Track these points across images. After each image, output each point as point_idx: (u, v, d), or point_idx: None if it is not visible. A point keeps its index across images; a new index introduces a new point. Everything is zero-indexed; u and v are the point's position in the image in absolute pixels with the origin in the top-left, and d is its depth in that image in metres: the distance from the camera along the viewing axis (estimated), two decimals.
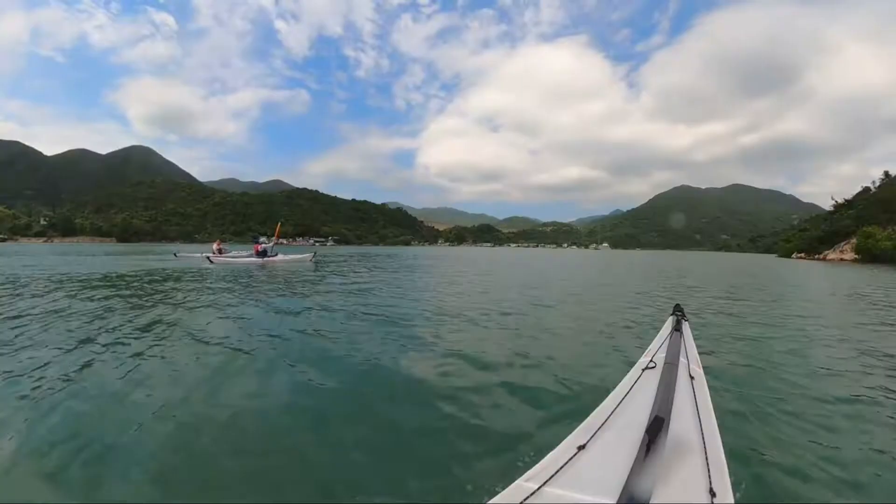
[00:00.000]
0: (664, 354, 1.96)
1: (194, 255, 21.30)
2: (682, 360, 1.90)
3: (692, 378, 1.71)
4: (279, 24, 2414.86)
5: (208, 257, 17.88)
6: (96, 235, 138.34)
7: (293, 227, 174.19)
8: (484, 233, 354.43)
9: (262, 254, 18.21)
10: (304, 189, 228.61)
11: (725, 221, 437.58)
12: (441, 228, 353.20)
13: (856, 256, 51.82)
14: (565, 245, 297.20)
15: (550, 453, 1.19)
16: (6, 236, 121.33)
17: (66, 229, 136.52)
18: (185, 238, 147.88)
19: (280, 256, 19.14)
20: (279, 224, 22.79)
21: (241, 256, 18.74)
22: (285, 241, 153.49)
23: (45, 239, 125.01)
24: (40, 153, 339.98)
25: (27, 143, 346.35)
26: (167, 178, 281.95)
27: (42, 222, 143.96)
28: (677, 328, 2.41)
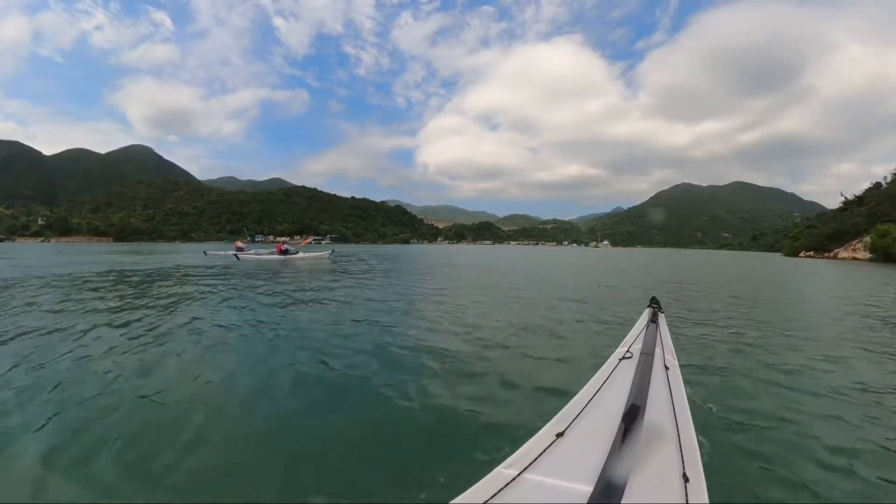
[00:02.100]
0: (640, 345, 1.97)
1: (220, 252, 23.98)
2: (658, 350, 1.92)
3: (667, 368, 1.74)
4: (278, 22, 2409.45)
5: (236, 255, 20.37)
6: (93, 235, 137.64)
7: (290, 225, 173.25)
8: (484, 231, 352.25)
9: (285, 252, 20.42)
10: (303, 187, 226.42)
11: (726, 219, 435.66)
12: (441, 226, 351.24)
13: (870, 255, 50.24)
14: (566, 243, 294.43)
15: (529, 441, 1.20)
16: (4, 236, 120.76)
17: (63, 229, 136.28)
18: (181, 237, 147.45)
19: (300, 254, 21.07)
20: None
21: (263, 254, 21.02)
22: (285, 239, 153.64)
23: (42, 239, 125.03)
24: (39, 153, 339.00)
25: (26, 143, 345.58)
26: (166, 177, 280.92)
27: (40, 222, 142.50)
28: (653, 320, 2.43)
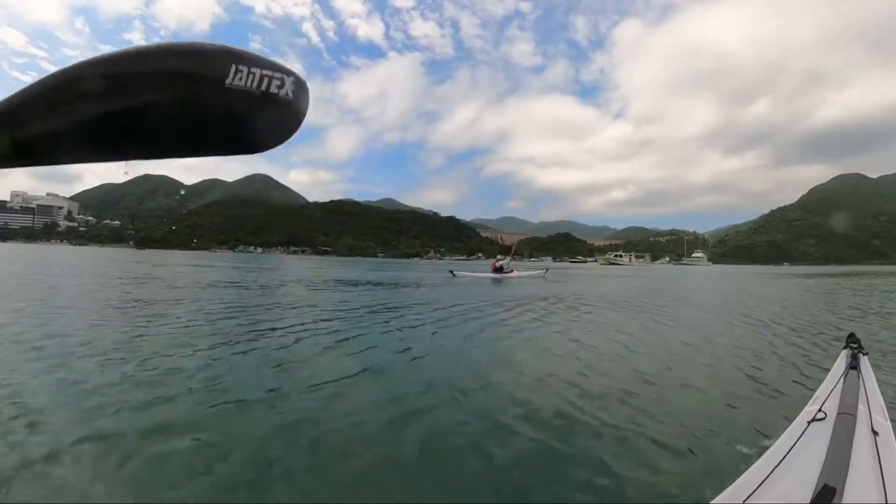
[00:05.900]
0: (837, 402, 1.58)
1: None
2: (862, 407, 1.53)
3: (875, 434, 1.35)
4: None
5: (451, 272, 23.79)
6: (128, 241, 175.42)
7: (282, 236, 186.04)
8: (558, 244, 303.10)
9: (499, 270, 22.12)
10: (340, 201, 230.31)
11: None
12: (509, 242, 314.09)
13: None
14: (666, 260, 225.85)
15: None
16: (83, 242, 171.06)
17: (116, 238, 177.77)
18: (181, 245, 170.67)
19: (515, 273, 22.53)
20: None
21: (479, 273, 23.67)
22: (261, 250, 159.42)
23: (99, 244, 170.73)
24: (180, 182, 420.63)
25: (170, 175, 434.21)
26: (273, 200, 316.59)
27: (105, 233, 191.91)
28: (853, 366, 1.93)
